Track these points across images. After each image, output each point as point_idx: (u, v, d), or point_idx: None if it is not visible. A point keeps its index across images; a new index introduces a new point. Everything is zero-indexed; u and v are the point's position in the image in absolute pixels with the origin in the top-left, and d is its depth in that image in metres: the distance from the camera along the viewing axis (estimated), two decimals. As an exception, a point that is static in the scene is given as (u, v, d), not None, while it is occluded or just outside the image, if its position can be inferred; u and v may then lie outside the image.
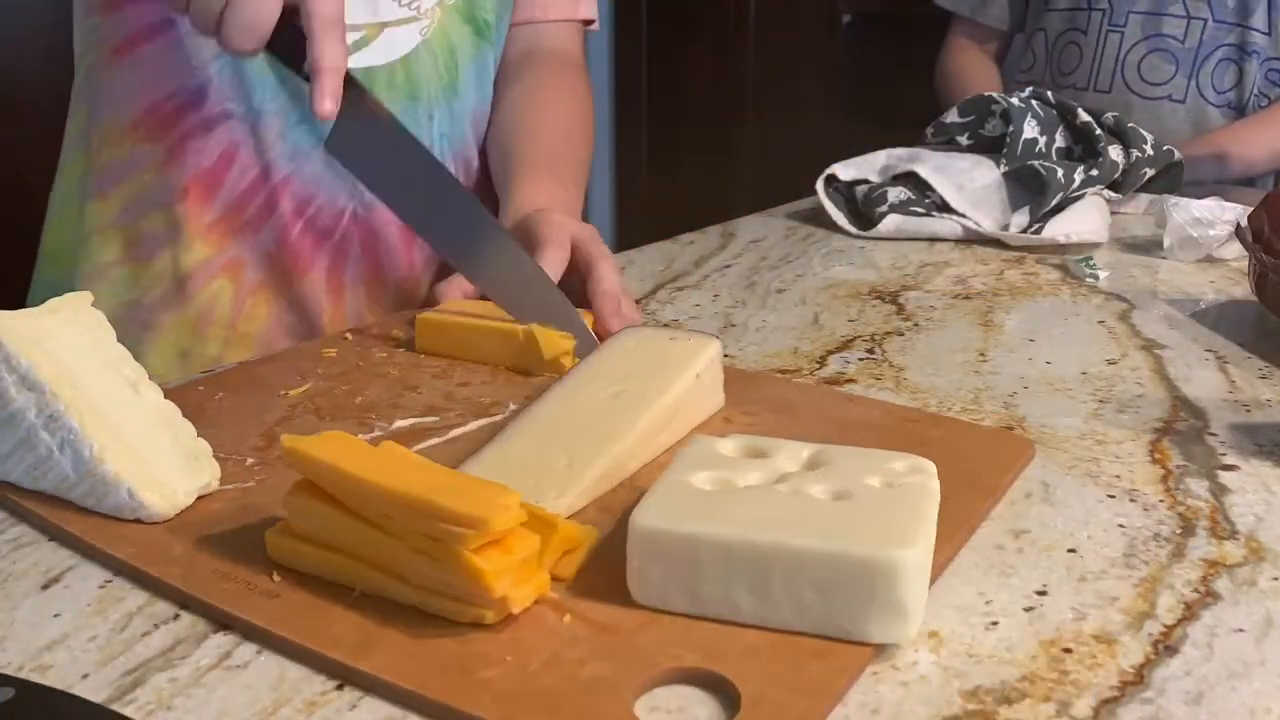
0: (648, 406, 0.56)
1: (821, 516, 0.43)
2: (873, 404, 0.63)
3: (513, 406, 0.62)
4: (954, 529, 0.48)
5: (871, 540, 0.41)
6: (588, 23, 1.04)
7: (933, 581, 0.45)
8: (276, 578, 0.46)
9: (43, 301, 0.55)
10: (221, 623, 0.44)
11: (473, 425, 0.60)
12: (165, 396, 0.57)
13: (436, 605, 0.43)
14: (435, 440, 0.59)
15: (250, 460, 0.56)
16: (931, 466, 0.47)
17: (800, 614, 0.41)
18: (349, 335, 0.75)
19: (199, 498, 0.52)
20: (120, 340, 0.56)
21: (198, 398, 0.64)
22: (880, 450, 0.48)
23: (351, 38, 0.84)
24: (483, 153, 0.97)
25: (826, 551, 0.41)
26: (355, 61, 0.84)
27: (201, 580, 0.46)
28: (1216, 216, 0.96)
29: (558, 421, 0.56)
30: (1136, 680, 0.40)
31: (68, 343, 0.54)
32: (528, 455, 0.54)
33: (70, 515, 0.51)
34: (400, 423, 0.61)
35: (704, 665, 0.40)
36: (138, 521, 0.50)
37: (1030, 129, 1.11)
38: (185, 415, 0.56)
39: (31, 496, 0.52)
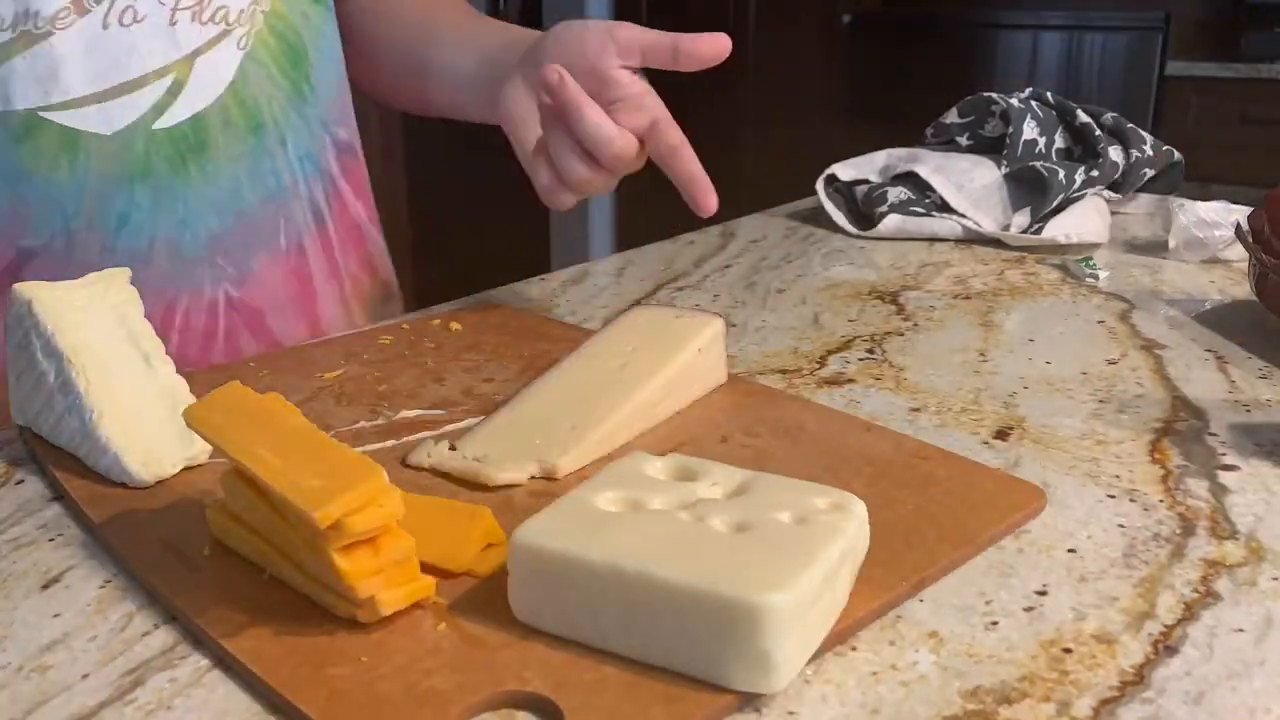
0: (648, 378, 0.61)
1: (706, 549, 0.40)
2: (889, 435, 0.59)
3: None
4: (899, 577, 0.45)
5: (742, 581, 0.38)
6: None
7: (873, 620, 0.44)
8: (207, 552, 0.48)
9: None
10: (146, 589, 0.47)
11: (469, 422, 0.61)
12: (216, 369, 0.65)
13: (321, 597, 0.43)
14: (428, 434, 0.60)
15: None
16: (860, 507, 0.44)
17: (664, 651, 0.39)
18: (406, 325, 0.76)
19: (185, 469, 0.56)
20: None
21: (243, 374, 0.68)
22: (813, 484, 0.46)
23: (159, 88, 0.71)
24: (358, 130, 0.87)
25: (689, 588, 0.38)
26: (174, 115, 0.72)
27: (142, 545, 0.49)
28: (1222, 218, 0.95)
29: (566, 388, 0.62)
30: (1136, 680, 0.40)
31: (94, 314, 0.58)
32: (537, 417, 0.59)
33: (72, 474, 0.55)
34: (406, 413, 0.63)
35: (544, 693, 0.39)
36: (124, 485, 0.54)
37: (1030, 130, 1.11)
38: None
39: (52, 450, 0.57)
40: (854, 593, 0.43)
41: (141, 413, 0.56)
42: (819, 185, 1.12)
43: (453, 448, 0.56)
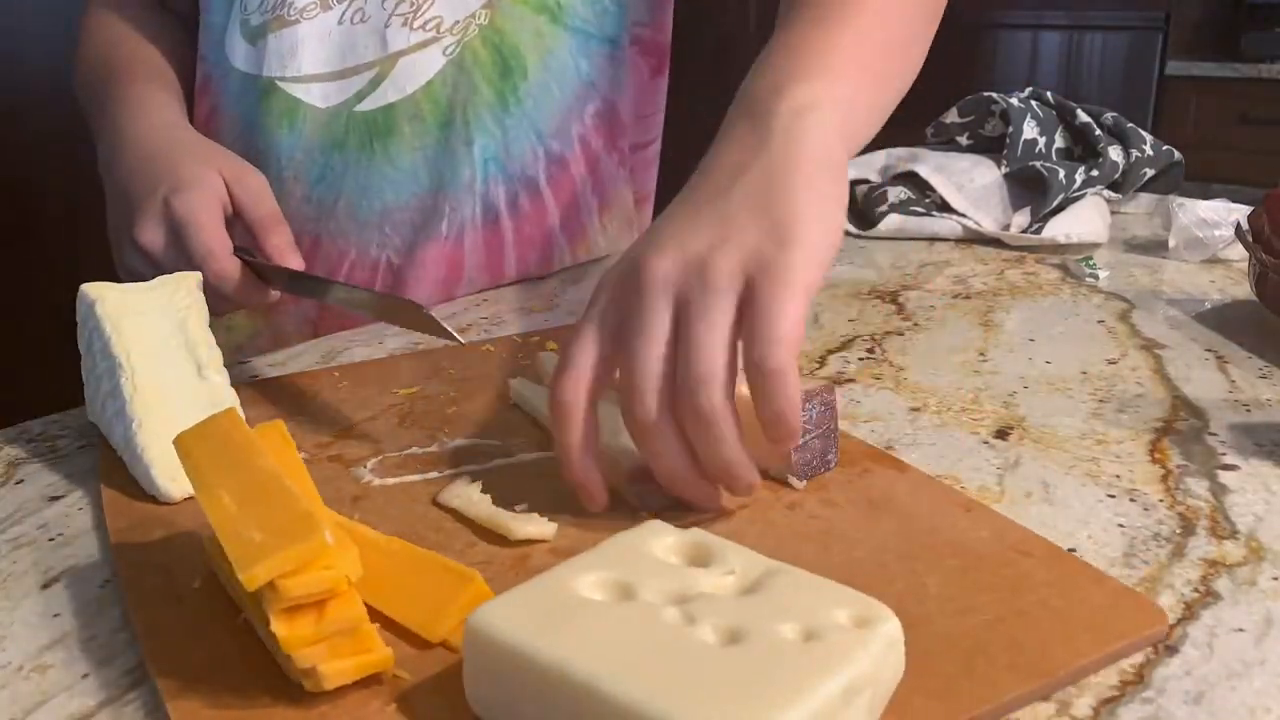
0: None
1: (676, 664, 0.34)
2: (990, 520, 0.50)
3: None
4: (944, 715, 0.37)
5: (705, 713, 0.32)
6: None
7: None
8: (197, 584, 0.45)
9: None
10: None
11: (521, 457, 0.57)
12: (298, 376, 0.67)
13: (276, 655, 0.39)
14: (474, 466, 0.56)
15: (300, 455, 0.57)
16: (891, 625, 0.36)
17: None
18: (519, 337, 0.74)
19: None
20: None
21: (325, 383, 0.68)
22: (842, 588, 0.38)
23: (364, 78, 0.85)
24: (588, 145, 0.92)
25: (640, 711, 0.32)
26: (372, 102, 0.85)
27: (140, 569, 0.47)
28: (1222, 217, 0.96)
29: None
30: (1136, 680, 0.40)
31: (154, 319, 0.58)
32: None
33: (113, 481, 0.55)
34: (460, 440, 0.59)
35: None
36: (153, 499, 0.53)
37: (1030, 129, 1.11)
38: (302, 400, 0.62)
39: (110, 452, 0.57)
40: None
41: (181, 424, 0.52)
42: (819, 185, 1.12)
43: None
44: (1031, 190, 1.06)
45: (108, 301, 0.57)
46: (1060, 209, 1.03)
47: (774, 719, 0.32)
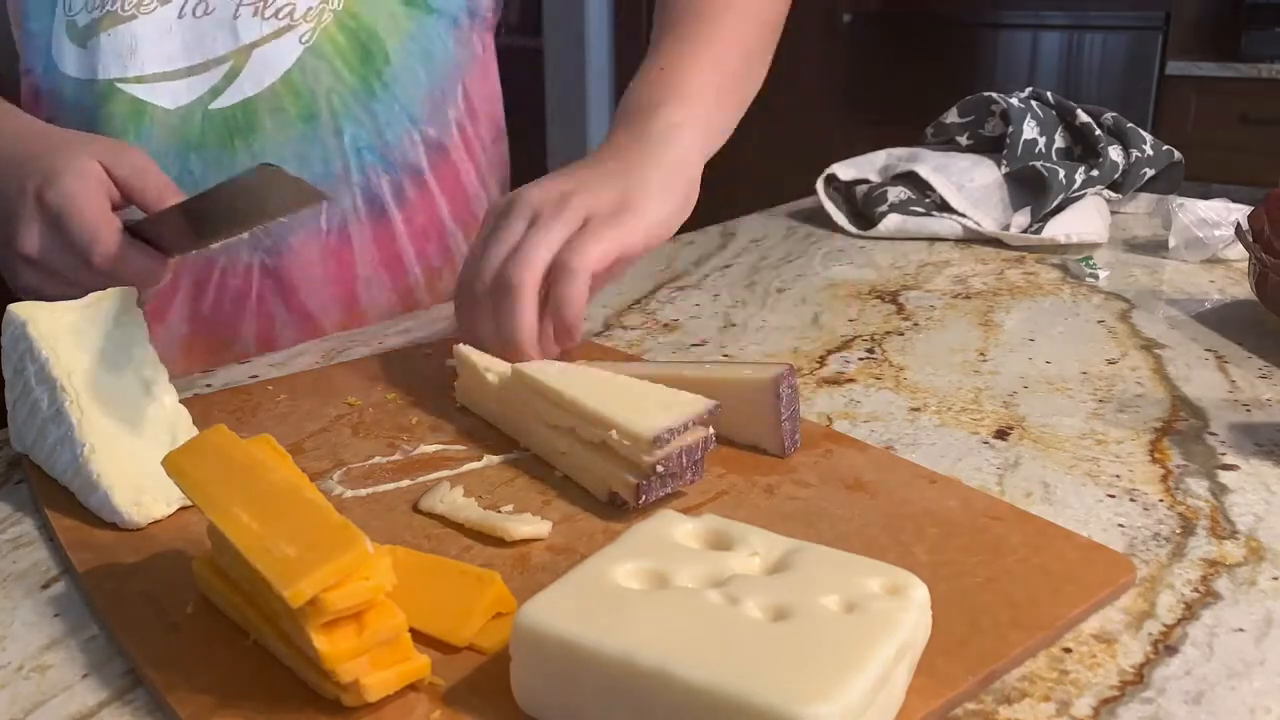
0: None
1: (737, 643, 0.35)
2: (955, 489, 0.53)
3: None
4: (965, 670, 0.39)
5: (779, 687, 0.33)
6: None
7: None
8: (190, 609, 0.44)
9: None
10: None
11: (491, 460, 0.57)
12: (231, 392, 0.62)
13: (304, 673, 0.39)
14: (445, 472, 0.56)
15: None
16: (921, 591, 0.38)
17: None
18: (428, 350, 0.72)
19: (181, 508, 0.51)
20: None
21: (260, 398, 0.65)
22: (866, 559, 0.40)
23: (217, 74, 0.80)
24: (464, 130, 0.91)
25: (715, 692, 0.33)
26: (228, 98, 0.80)
27: (123, 600, 0.44)
28: (1222, 217, 0.96)
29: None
30: (1136, 680, 0.40)
31: (94, 338, 0.54)
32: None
33: (62, 513, 0.51)
34: (425, 448, 0.58)
35: None
36: (114, 526, 0.50)
37: (1030, 129, 1.11)
38: (238, 415, 0.58)
39: (47, 482, 0.54)
40: (912, 688, 0.38)
41: (137, 447, 0.52)
42: (819, 185, 1.12)
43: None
44: (1031, 190, 1.06)
45: (40, 321, 0.53)
46: (1060, 209, 1.03)
47: (849, 683, 0.33)
